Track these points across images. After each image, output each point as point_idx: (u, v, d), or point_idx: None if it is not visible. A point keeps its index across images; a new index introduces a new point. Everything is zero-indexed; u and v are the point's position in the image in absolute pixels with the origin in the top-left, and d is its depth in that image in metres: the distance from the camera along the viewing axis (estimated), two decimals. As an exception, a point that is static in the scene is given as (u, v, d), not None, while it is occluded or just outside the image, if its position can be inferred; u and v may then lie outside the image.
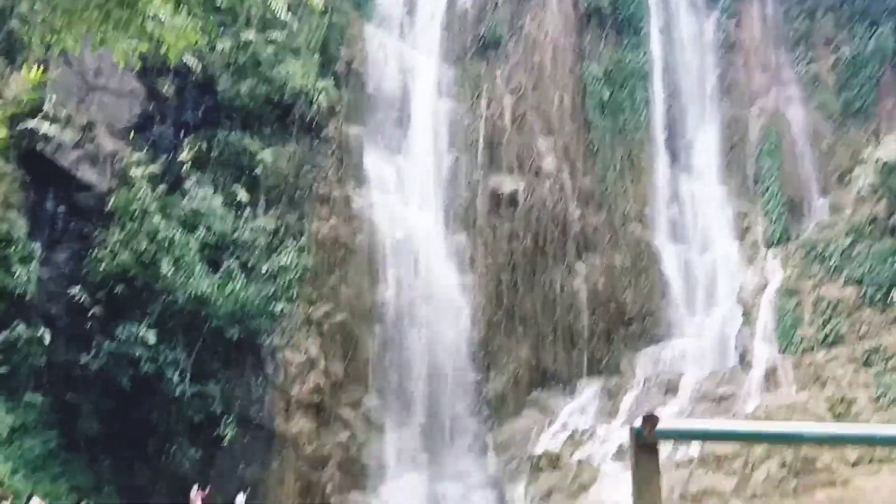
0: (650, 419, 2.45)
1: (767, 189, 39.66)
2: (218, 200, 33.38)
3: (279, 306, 32.48)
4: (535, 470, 32.08)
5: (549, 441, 35.47)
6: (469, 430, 36.22)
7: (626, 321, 39.41)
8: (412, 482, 33.04)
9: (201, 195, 33.11)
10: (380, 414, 35.19)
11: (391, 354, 36.42)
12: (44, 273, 31.44)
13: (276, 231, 34.94)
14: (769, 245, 38.30)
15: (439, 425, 35.97)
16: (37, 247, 31.05)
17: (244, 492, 30.85)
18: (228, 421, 31.26)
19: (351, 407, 34.94)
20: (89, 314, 30.94)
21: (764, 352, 33.69)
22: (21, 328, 29.22)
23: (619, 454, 32.28)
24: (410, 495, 32.42)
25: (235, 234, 33.53)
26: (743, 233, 39.75)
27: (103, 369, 29.78)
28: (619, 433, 33.98)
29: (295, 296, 34.01)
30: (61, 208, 33.95)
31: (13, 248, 29.44)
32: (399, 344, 36.63)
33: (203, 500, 30.08)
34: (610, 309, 39.60)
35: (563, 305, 39.43)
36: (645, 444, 2.47)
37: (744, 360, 34.13)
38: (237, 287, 31.83)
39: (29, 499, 24.25)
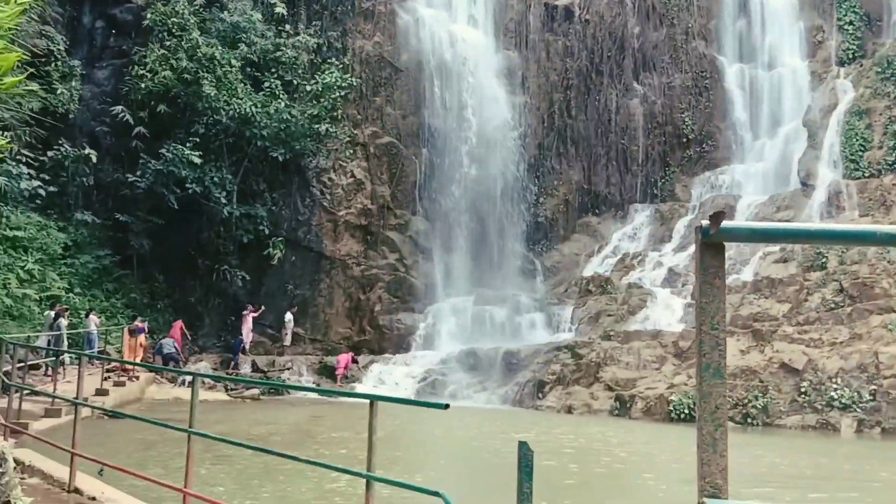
0: (717, 216, 2.39)
1: (844, 1, 37.23)
2: (257, 15, 32.57)
3: (323, 127, 32.24)
4: (584, 293, 32.41)
5: (598, 265, 35.71)
6: (517, 254, 36.56)
7: (683, 144, 38.52)
8: (459, 304, 33.74)
9: (240, 9, 32.28)
10: (427, 237, 35.55)
11: (438, 177, 36.36)
12: (85, 92, 31.48)
13: (318, 48, 34.23)
14: (841, 63, 36.42)
15: (487, 249, 36.34)
16: (77, 64, 30.89)
17: (292, 311, 31.93)
18: (276, 241, 31.85)
19: (398, 230, 35.31)
20: (133, 133, 31.13)
21: (828, 175, 32.79)
22: (67, 148, 29.55)
23: (670, 278, 32.37)
24: (457, 317, 33.20)
25: (277, 53, 32.89)
26: (814, 49, 37.77)
27: (150, 189, 30.27)
28: (669, 258, 33.98)
29: (339, 117, 33.70)
30: (99, 23, 33.54)
31: (53, 64, 29.28)
32: (447, 167, 36.46)
33: (254, 319, 31.25)
34: (667, 131, 38.65)
35: (618, 127, 38.57)
36: (711, 242, 2.43)
37: (806, 184, 33.32)
38: (280, 106, 31.56)
39: (87, 315, 25.32)
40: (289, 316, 31.77)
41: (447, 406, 6.37)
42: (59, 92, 29.16)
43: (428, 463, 15.56)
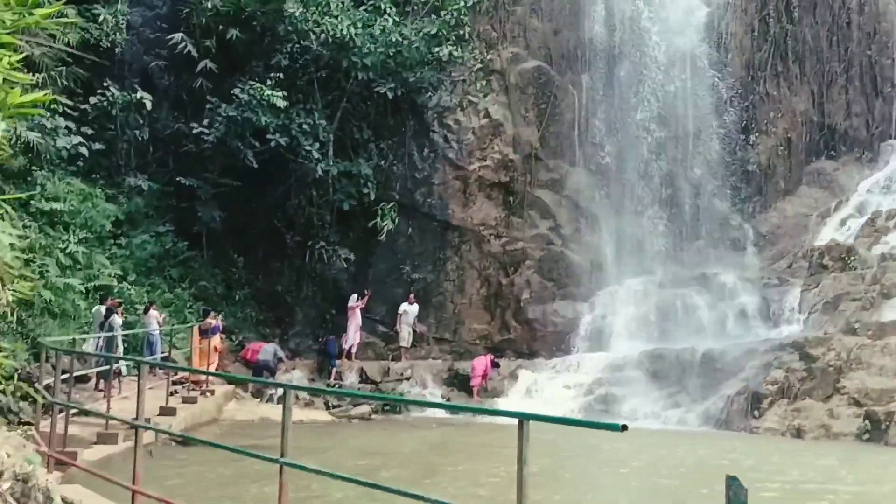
0: None
1: None
2: None
3: (446, 50, 32.28)
4: (816, 270, 31.40)
5: (836, 230, 34.54)
6: (719, 217, 35.71)
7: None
8: (639, 288, 33.28)
9: None
10: (592, 197, 35.18)
11: (606, 114, 35.88)
12: (134, 17, 32.54)
13: (436, -57, 34.30)
14: None
15: (676, 211, 35.66)
16: (122, -20, 31.99)
17: (410, 301, 32.18)
18: (387, 209, 32.15)
19: (551, 188, 35.08)
20: (197, 70, 32.05)
21: None
22: (114, 92, 30.65)
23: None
24: (636, 305, 32.77)
25: (382, -49, 33.18)
26: None
27: (222, 142, 31.04)
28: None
29: (467, 36, 33.68)
30: (149, -73, 34.55)
31: (92, -18, 30.43)
32: (616, 99, 35.92)
33: (362, 310, 31.75)
34: (935, 36, 36.91)
35: (861, 33, 37.06)
36: None
37: None
38: (388, 25, 31.77)
39: (146, 310, 26.33)
40: (406, 307, 32.07)
41: (624, 427, 6.22)
42: (101, 19, 30.28)
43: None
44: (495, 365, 30.34)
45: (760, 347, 28.03)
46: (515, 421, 6.43)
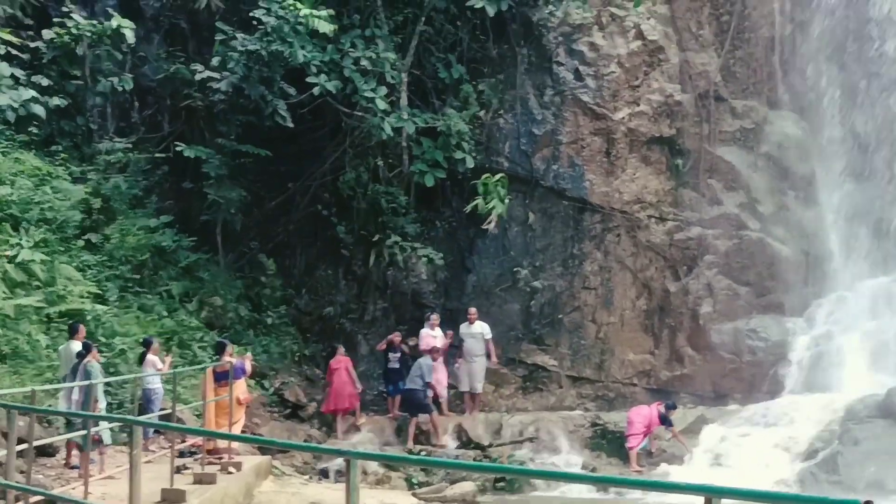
0: None
1: None
2: None
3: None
4: None
5: None
6: None
7: None
8: (881, 292, 32.84)
9: None
10: (804, 154, 34.86)
11: (822, 26, 35.46)
12: None
13: None
14: None
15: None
16: None
17: (471, 321, 31.84)
18: (492, 183, 32.00)
19: (741, 143, 34.84)
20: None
21: None
22: (78, 21, 31.18)
23: None
24: (877, 318, 32.33)
25: None
26: None
27: (239, 90, 31.28)
28: None
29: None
30: None
31: None
32: (836, 9, 35.51)
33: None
34: None
35: None
36: None
37: None
38: None
39: (142, 357, 26.59)
40: (467, 328, 31.59)
41: None
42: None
43: None
44: (664, 418, 30.10)
45: None
46: (701, 500, 6.27)
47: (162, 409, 25.53)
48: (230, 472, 24.89)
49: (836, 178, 34.78)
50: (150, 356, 26.14)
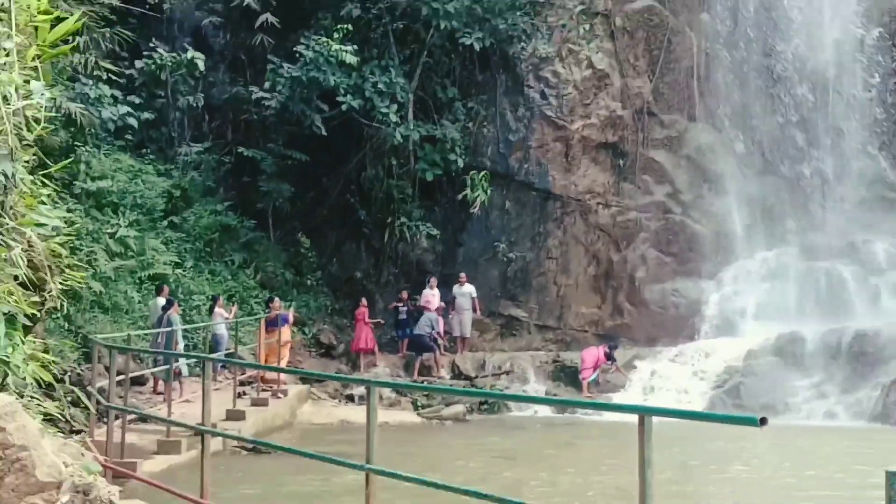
0: None
1: None
2: None
3: (541, -9, 32.18)
4: None
5: None
6: (870, 175, 34.90)
7: None
8: (773, 260, 32.83)
9: None
10: (716, 156, 34.74)
11: (731, 59, 35.36)
12: (183, -33, 32.94)
13: None
14: None
15: (818, 168, 34.99)
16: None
17: (461, 283, 31.99)
18: (478, 178, 32.09)
19: (668, 148, 34.75)
20: (257, 24, 32.33)
21: None
22: (162, 53, 31.06)
23: None
24: (771, 281, 32.31)
25: None
26: None
27: (285, 107, 31.29)
28: None
29: (566, -27, 33.51)
30: None
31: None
32: (742, 40, 35.39)
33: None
34: None
35: None
36: None
37: None
38: (473, -36, 31.76)
39: (213, 304, 26.66)
40: (458, 289, 31.77)
41: (763, 421, 6.04)
42: (146, -32, 30.77)
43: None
44: (609, 356, 30.13)
45: (922, 327, 27.54)
46: (635, 417, 6.28)
47: (227, 350, 25.69)
48: (278, 397, 25.13)
49: (739, 175, 34.71)
50: (217, 309, 26.37)
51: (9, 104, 7.63)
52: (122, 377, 17.18)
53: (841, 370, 27.62)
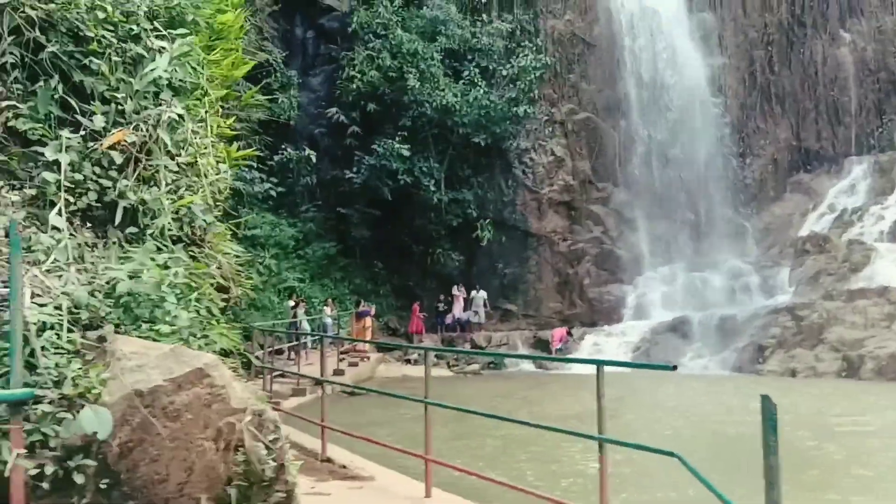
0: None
1: None
2: (453, 7, 32.99)
3: (522, 109, 32.15)
4: (800, 254, 30.43)
5: (814, 223, 33.49)
6: (726, 219, 34.92)
7: (901, 89, 35.20)
8: (668, 273, 32.76)
9: (437, 3, 32.82)
10: (631, 208, 34.73)
11: (638, 147, 35.39)
12: (302, 98, 33.15)
13: (511, 34, 34.13)
14: None
15: (694, 215, 34.96)
16: (293, 74, 32.61)
17: (478, 289, 32.09)
18: (485, 223, 32.20)
19: (601, 203, 34.74)
20: (347, 133, 32.45)
21: None
22: (290, 151, 31.27)
23: (895, 232, 29.77)
24: (668, 285, 32.24)
25: (474, 41, 33.13)
26: None
27: (366, 183, 31.40)
28: (893, 211, 31.25)
29: (536, 97, 33.52)
30: (310, 34, 35.19)
31: (273, 76, 31.03)
32: (646, 136, 35.41)
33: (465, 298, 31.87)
34: (881, 78, 35.56)
35: (826, 79, 35.86)
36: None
37: None
38: (479, 94, 31.76)
39: (325, 304, 26.77)
40: (475, 294, 31.86)
41: (675, 367, 6.14)
42: (280, 101, 30.87)
43: (659, 427, 15.12)
44: (569, 334, 30.07)
45: (762, 312, 27.29)
46: (585, 371, 6.34)
47: (333, 333, 25.77)
48: (364, 361, 25.11)
49: (646, 219, 34.69)
50: (325, 308, 26.42)
51: (207, 178, 7.80)
52: (269, 349, 17.37)
53: (712, 339, 27.52)
